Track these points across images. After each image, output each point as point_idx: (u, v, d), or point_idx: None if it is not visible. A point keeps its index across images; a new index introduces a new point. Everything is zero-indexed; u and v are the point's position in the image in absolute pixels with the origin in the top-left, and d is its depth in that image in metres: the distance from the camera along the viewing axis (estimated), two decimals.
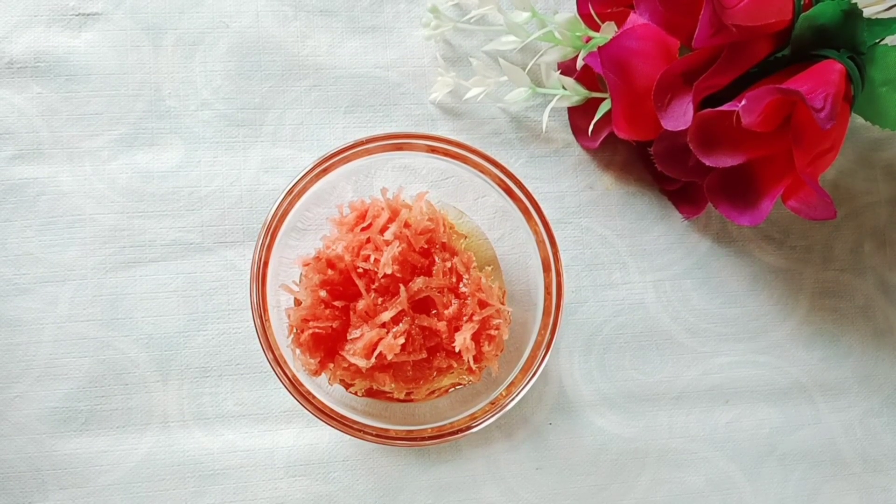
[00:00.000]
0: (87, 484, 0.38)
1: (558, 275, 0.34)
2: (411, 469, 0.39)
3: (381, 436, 0.33)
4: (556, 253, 0.34)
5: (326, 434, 0.39)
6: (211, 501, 0.38)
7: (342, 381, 0.34)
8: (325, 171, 0.33)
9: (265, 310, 0.33)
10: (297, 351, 0.32)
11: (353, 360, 0.31)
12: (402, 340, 0.31)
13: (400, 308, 0.31)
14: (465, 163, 0.34)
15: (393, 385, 0.33)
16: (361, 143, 0.33)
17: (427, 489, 0.39)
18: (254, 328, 0.39)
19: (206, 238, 0.39)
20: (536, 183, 0.41)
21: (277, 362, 0.32)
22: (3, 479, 0.37)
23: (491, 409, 0.33)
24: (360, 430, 0.33)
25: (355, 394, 0.35)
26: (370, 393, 0.35)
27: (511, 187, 0.34)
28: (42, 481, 0.37)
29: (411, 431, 0.33)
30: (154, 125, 0.39)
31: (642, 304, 0.41)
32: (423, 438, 0.33)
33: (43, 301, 0.38)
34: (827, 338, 0.43)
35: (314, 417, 0.39)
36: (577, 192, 0.42)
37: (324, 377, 0.34)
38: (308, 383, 0.33)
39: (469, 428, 0.33)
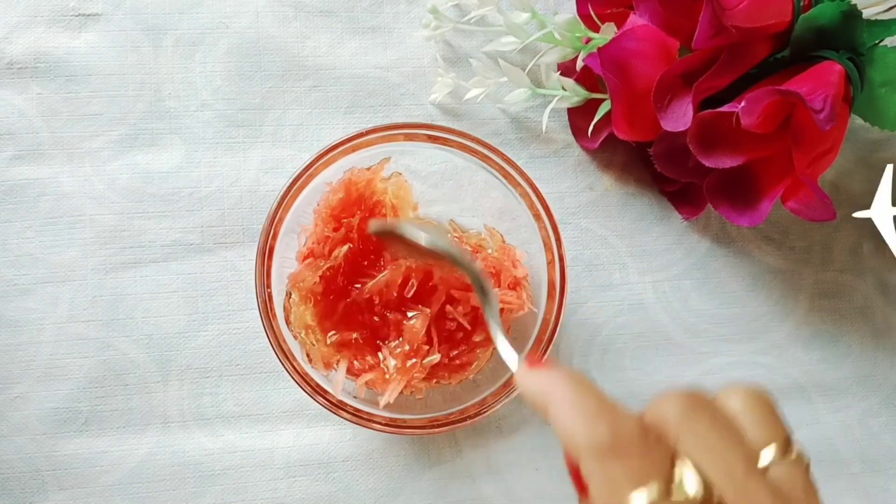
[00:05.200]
0: (88, 484, 0.38)
1: (562, 274, 0.34)
2: (411, 469, 0.39)
3: (391, 425, 0.33)
4: (560, 250, 0.34)
5: (326, 434, 0.39)
6: (211, 501, 0.38)
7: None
8: (327, 164, 0.33)
9: (270, 301, 0.33)
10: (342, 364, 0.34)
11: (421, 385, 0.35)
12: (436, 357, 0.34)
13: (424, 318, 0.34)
14: (466, 151, 0.34)
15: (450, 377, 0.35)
16: (363, 133, 0.33)
17: (427, 489, 0.39)
18: (253, 329, 0.39)
19: (206, 239, 0.39)
20: (536, 183, 0.41)
21: (286, 355, 0.33)
22: (4, 479, 0.37)
23: (492, 399, 0.34)
24: (369, 420, 0.33)
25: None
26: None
27: (517, 179, 0.34)
28: (42, 482, 0.37)
29: (420, 420, 0.33)
30: (154, 126, 0.39)
31: (642, 304, 0.41)
32: (433, 426, 0.33)
33: (43, 302, 0.38)
34: (826, 338, 0.43)
35: (314, 418, 0.39)
36: (577, 192, 0.42)
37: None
38: (316, 376, 0.33)
39: (479, 414, 0.33)
